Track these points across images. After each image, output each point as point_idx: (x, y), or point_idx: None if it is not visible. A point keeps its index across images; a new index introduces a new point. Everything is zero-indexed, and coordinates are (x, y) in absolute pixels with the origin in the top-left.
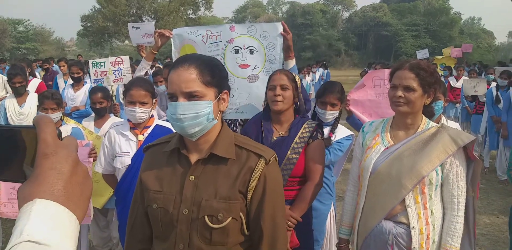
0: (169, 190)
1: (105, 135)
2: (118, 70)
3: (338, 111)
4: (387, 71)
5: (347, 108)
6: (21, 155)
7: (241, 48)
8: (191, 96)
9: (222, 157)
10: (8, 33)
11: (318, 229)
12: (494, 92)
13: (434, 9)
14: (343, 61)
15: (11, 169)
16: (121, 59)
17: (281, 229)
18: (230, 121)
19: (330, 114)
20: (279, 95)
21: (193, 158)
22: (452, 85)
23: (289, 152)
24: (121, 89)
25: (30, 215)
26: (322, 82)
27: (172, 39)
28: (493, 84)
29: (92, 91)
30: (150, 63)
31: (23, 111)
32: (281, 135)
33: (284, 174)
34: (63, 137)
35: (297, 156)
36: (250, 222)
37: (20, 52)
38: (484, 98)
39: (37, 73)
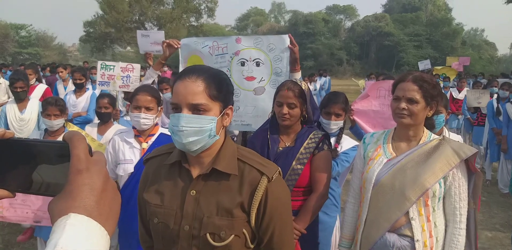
0: (169, 205)
1: (110, 141)
2: (127, 77)
3: (342, 121)
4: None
5: (351, 117)
6: (33, 167)
7: (248, 61)
8: (196, 109)
9: (224, 172)
10: (10, 37)
11: (324, 242)
12: (495, 104)
13: (437, 19)
14: (345, 71)
15: (18, 179)
16: (132, 66)
17: (289, 246)
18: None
19: (335, 125)
20: (286, 113)
21: (195, 171)
22: (454, 96)
23: (294, 163)
24: (120, 96)
25: (64, 228)
26: (321, 91)
27: (180, 50)
28: (495, 96)
29: (100, 96)
30: (158, 72)
31: (24, 118)
32: (287, 145)
33: (289, 185)
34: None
35: (302, 167)
36: (258, 239)
37: (22, 57)
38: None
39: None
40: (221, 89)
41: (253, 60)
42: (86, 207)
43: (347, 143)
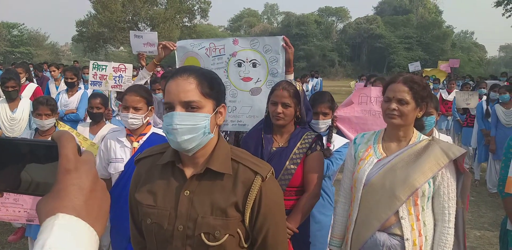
0: (163, 205)
1: (102, 139)
2: (119, 77)
3: (330, 120)
4: (373, 89)
5: (334, 124)
6: (21, 166)
7: (244, 62)
8: (189, 106)
9: (218, 171)
10: (2, 36)
11: (321, 241)
12: (484, 106)
13: (427, 22)
14: (337, 72)
15: (6, 179)
16: (124, 66)
17: (283, 246)
18: (221, 131)
19: (323, 124)
20: (280, 113)
21: (188, 171)
22: (444, 98)
23: (287, 163)
24: (113, 96)
25: (52, 229)
26: (313, 92)
27: (176, 51)
28: (484, 97)
29: (92, 96)
30: (151, 73)
31: (15, 117)
32: (280, 146)
33: (282, 184)
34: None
35: (295, 167)
36: (252, 239)
37: (13, 56)
38: (475, 112)
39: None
40: (213, 87)
41: (249, 61)
42: (74, 207)
43: (339, 141)
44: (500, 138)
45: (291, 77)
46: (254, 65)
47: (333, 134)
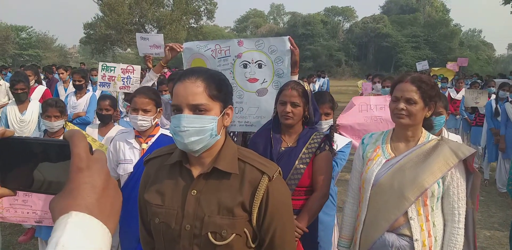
0: (170, 205)
1: (111, 141)
2: (127, 78)
3: (331, 119)
4: (372, 98)
5: (338, 132)
6: (34, 165)
7: (250, 63)
8: (197, 109)
9: (225, 171)
10: (11, 39)
11: (325, 241)
12: (494, 105)
13: (434, 21)
14: (344, 72)
15: (19, 178)
16: (133, 68)
17: (290, 246)
18: (229, 131)
19: (326, 124)
20: (289, 112)
21: (196, 171)
22: (452, 97)
23: (297, 162)
24: (120, 97)
25: (65, 227)
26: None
27: (182, 53)
28: (493, 96)
29: (101, 98)
30: (158, 75)
31: (24, 119)
32: (289, 145)
33: (291, 184)
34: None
35: (305, 166)
36: (260, 239)
37: (22, 59)
38: (484, 110)
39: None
40: (221, 89)
41: (255, 62)
42: (87, 205)
43: (341, 140)
44: (510, 137)
45: (295, 78)
46: (260, 66)
47: (334, 133)
